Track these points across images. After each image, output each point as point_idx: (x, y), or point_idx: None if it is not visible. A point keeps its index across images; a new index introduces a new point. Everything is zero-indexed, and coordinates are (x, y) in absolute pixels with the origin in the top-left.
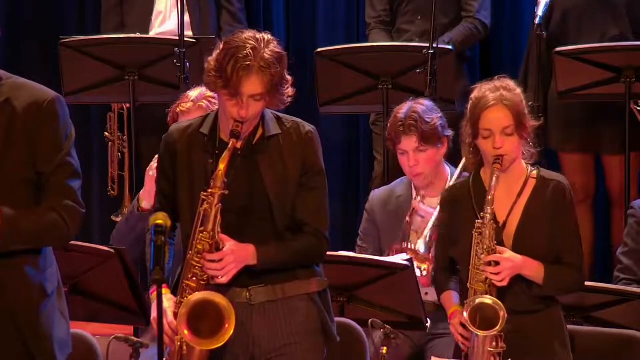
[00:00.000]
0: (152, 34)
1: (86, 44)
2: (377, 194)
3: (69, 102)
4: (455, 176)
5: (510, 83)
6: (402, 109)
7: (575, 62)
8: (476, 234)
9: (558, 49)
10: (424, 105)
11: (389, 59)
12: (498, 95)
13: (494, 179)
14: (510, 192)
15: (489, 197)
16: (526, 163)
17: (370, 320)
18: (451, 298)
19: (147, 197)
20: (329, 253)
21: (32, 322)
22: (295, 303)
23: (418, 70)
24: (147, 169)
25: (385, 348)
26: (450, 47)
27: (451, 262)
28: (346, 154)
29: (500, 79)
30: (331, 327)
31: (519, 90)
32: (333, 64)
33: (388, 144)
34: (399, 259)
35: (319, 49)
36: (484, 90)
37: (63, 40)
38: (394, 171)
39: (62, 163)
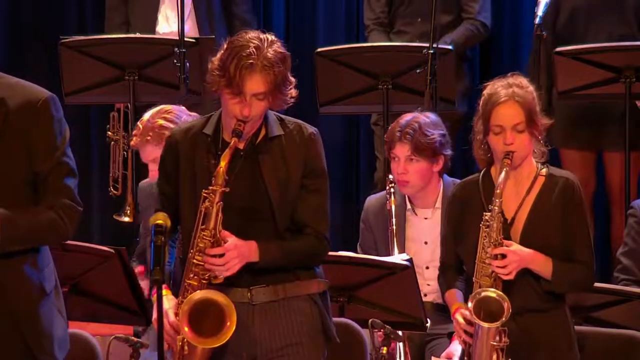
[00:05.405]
0: (159, 33)
1: (86, 44)
2: (371, 202)
3: (69, 102)
4: None
5: (523, 80)
6: (406, 116)
7: (576, 62)
8: (483, 226)
9: (558, 48)
10: (428, 119)
11: (389, 59)
12: (510, 92)
13: (503, 173)
14: (519, 189)
15: (497, 191)
16: (536, 161)
17: (370, 320)
18: (455, 295)
19: None
20: (329, 253)
21: (32, 321)
22: (296, 303)
23: (418, 70)
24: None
25: (385, 348)
26: (450, 47)
27: (457, 261)
28: (346, 155)
29: (513, 76)
30: (331, 328)
31: (531, 88)
32: (333, 64)
33: (385, 148)
34: (399, 259)
35: (319, 49)
36: (496, 86)
37: (63, 40)
38: None
39: (58, 162)
